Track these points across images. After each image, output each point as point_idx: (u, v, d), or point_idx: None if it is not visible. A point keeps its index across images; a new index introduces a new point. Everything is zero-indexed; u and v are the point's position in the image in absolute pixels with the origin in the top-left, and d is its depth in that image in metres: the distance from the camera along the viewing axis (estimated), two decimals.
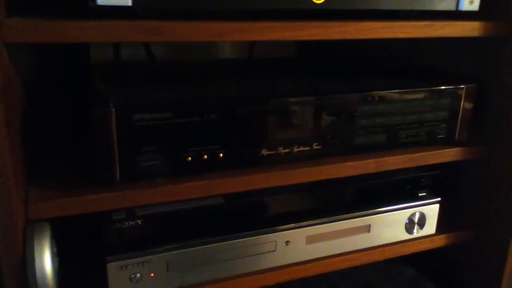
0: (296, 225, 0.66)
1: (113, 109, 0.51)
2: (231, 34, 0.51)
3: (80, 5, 0.55)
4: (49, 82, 0.78)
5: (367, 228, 0.71)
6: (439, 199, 0.75)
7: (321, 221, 0.67)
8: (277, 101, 0.59)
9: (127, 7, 0.47)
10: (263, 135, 0.59)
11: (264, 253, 0.65)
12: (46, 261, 0.49)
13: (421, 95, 0.67)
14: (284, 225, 0.65)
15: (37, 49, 0.72)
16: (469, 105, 0.70)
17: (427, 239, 0.75)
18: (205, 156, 0.57)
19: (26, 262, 0.49)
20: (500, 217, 0.74)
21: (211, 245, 0.61)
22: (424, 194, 0.74)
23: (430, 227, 0.75)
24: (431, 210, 0.74)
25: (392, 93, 0.65)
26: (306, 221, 0.66)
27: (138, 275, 0.58)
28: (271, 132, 0.60)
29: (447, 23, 0.63)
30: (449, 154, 0.71)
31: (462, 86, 0.69)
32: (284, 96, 0.60)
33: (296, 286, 0.79)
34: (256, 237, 0.64)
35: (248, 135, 0.59)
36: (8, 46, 0.46)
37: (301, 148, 0.62)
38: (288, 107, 0.60)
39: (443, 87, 0.68)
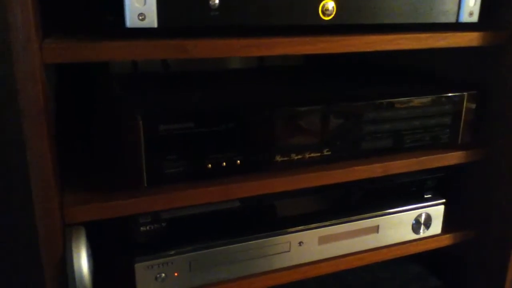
0: (309, 227, 0.69)
1: (141, 121, 0.54)
2: (250, 49, 0.55)
3: (106, 25, 0.59)
4: (71, 91, 0.81)
5: (376, 229, 0.73)
6: (444, 200, 0.77)
7: (332, 222, 0.70)
8: (290, 110, 0.62)
9: (153, 29, 0.51)
10: (277, 142, 0.63)
11: (279, 253, 0.68)
12: (83, 263, 0.52)
13: (425, 102, 0.70)
14: (297, 226, 0.68)
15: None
16: (470, 110, 0.73)
17: (433, 238, 0.77)
18: (224, 163, 0.60)
19: (66, 264, 0.52)
20: (502, 217, 0.76)
21: (229, 246, 0.64)
22: (429, 195, 0.77)
23: (436, 227, 0.77)
24: (437, 211, 0.77)
25: (397, 101, 0.68)
26: (318, 222, 0.69)
27: (163, 274, 0.61)
28: (285, 139, 0.63)
29: (448, 34, 0.66)
30: (452, 157, 0.73)
31: (464, 93, 0.72)
32: (297, 105, 0.63)
33: (309, 283, 0.81)
34: (271, 238, 0.67)
35: (263, 142, 0.62)
36: (47, 66, 0.50)
37: (312, 154, 0.65)
38: (301, 116, 0.63)
39: (446, 95, 0.71)
